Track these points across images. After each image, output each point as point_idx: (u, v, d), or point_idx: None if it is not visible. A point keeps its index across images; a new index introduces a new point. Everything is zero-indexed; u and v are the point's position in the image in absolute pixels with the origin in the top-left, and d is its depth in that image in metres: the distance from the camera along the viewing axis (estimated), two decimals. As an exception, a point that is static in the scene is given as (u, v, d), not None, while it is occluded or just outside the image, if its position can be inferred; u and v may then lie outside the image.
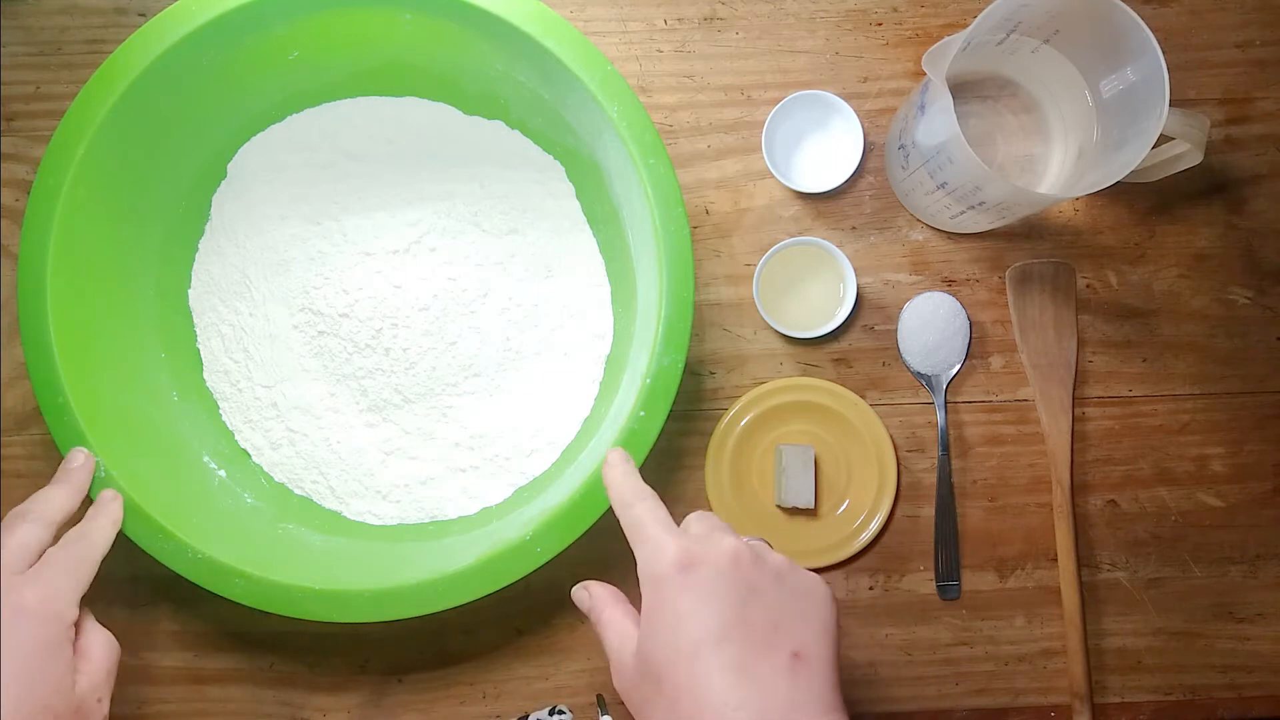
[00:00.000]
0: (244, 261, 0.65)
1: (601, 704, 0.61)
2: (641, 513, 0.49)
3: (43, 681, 0.46)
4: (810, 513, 0.66)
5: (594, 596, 0.50)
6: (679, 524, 0.49)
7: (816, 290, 0.66)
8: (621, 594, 0.51)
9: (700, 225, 0.67)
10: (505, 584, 0.57)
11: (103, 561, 0.53)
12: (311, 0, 0.59)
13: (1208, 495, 0.67)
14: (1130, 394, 0.68)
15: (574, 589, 0.52)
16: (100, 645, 0.50)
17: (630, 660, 0.46)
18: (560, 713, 0.62)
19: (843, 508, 0.66)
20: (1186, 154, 0.60)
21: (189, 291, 0.66)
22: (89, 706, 0.48)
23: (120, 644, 0.52)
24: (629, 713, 0.46)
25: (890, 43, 0.68)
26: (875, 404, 0.66)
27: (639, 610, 0.47)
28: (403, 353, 0.63)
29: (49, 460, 0.65)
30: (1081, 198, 0.68)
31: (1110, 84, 0.60)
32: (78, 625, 0.50)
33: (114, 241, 0.61)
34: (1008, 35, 0.61)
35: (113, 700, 0.64)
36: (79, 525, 0.54)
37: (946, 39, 0.56)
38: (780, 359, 0.67)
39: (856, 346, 0.67)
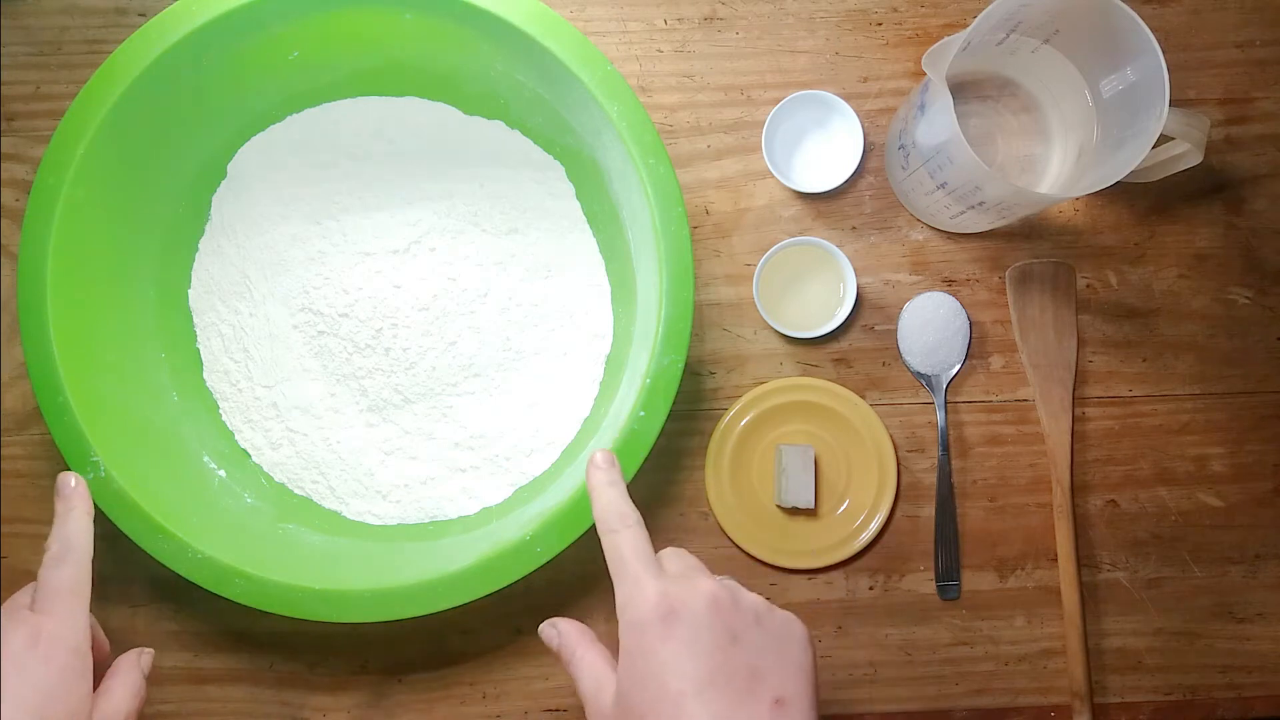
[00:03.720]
0: (244, 261, 0.65)
1: None
2: (623, 544, 0.48)
3: (57, 711, 0.47)
4: (810, 513, 0.66)
5: (563, 635, 0.50)
6: (656, 550, 0.48)
7: (816, 290, 0.66)
8: (591, 631, 0.50)
9: (700, 225, 0.67)
10: (505, 584, 0.57)
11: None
12: (311, 0, 0.59)
13: (1207, 495, 0.67)
14: (1130, 394, 0.68)
15: (541, 626, 0.51)
16: (123, 687, 0.51)
17: (609, 707, 0.46)
18: None
19: (843, 508, 0.66)
20: (1186, 154, 0.60)
21: (189, 291, 0.66)
22: None
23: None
24: None
25: (890, 43, 0.68)
26: (875, 404, 0.66)
27: (609, 648, 0.47)
28: (403, 353, 0.63)
29: (49, 460, 0.65)
30: (1081, 198, 0.68)
31: (1110, 84, 0.60)
32: (110, 665, 0.51)
33: (114, 241, 0.61)
34: (1008, 35, 0.61)
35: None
36: (57, 532, 0.52)
37: (946, 39, 0.56)
38: (780, 359, 0.67)
39: (856, 346, 0.67)
